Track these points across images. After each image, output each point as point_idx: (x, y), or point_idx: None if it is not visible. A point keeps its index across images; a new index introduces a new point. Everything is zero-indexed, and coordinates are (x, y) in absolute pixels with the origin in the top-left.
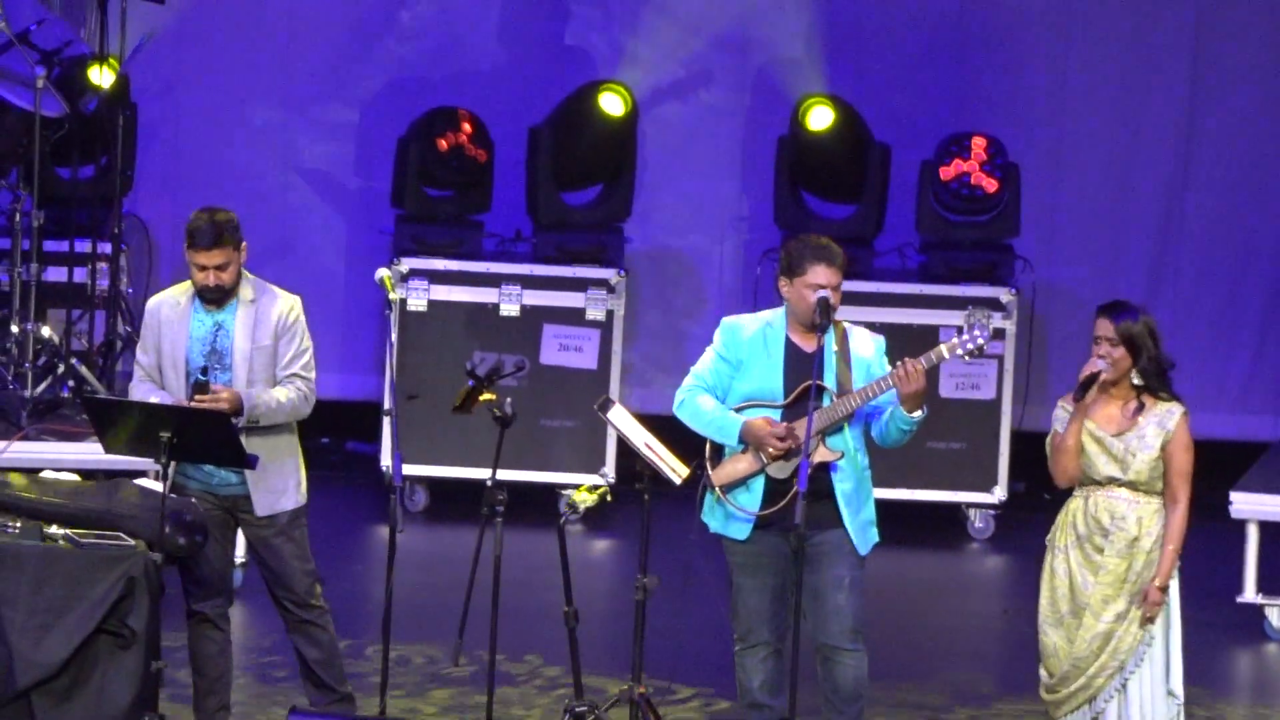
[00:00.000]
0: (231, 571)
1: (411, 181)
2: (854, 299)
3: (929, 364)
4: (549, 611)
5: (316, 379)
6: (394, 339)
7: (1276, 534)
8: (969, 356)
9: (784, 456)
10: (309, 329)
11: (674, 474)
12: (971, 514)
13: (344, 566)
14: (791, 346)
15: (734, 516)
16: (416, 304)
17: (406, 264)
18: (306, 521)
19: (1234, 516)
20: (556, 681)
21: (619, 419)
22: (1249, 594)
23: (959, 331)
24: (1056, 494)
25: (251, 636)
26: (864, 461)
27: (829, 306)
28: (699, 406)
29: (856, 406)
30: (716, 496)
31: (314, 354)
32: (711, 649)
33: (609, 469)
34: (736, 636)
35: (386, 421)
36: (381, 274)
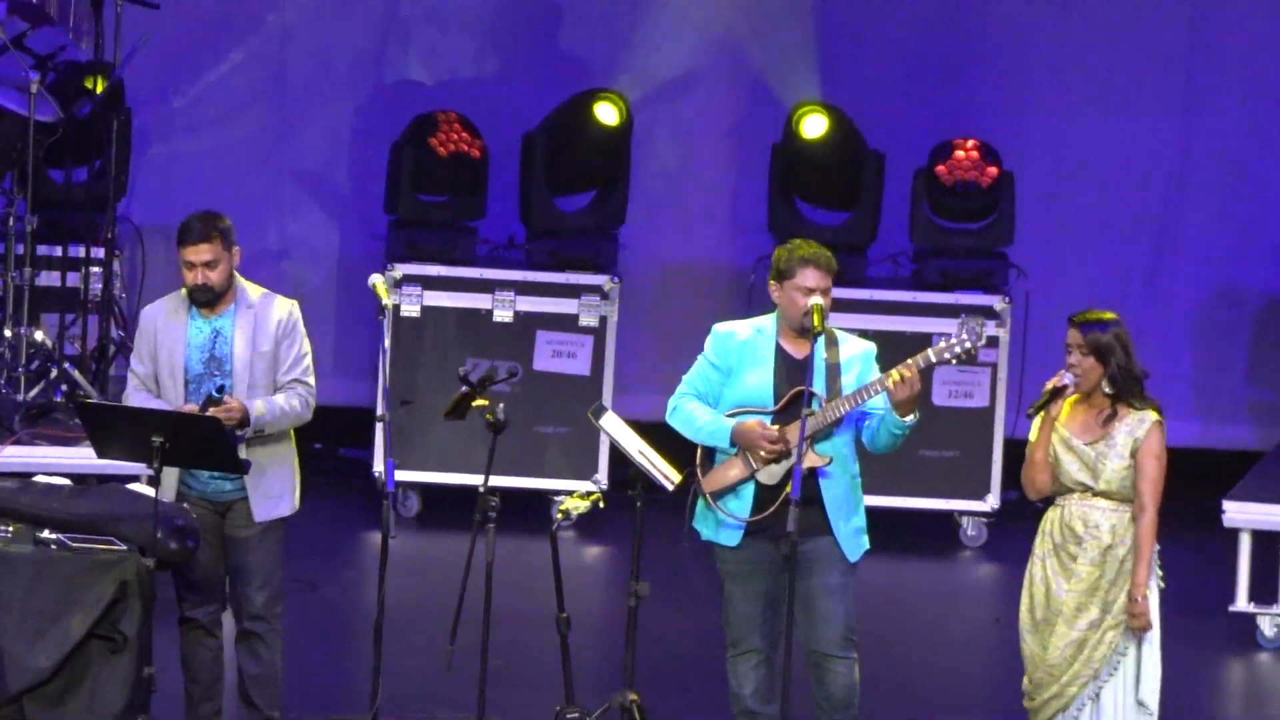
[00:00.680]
0: (224, 578)
1: (404, 187)
2: (847, 306)
3: (923, 366)
4: (541, 618)
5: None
6: (387, 345)
7: (1269, 543)
8: (956, 360)
9: (773, 462)
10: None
11: (666, 481)
12: (964, 522)
13: (336, 572)
14: (782, 352)
15: (724, 524)
16: (410, 310)
17: (400, 270)
18: (284, 532)
19: (1226, 526)
20: (549, 688)
21: (612, 426)
22: (1241, 603)
23: (948, 337)
24: (1049, 503)
25: None
26: (854, 468)
27: (819, 310)
28: (690, 413)
29: (846, 411)
30: (707, 503)
31: (313, 359)
32: (703, 656)
33: (601, 475)
34: (728, 644)
35: (379, 427)
36: (374, 280)
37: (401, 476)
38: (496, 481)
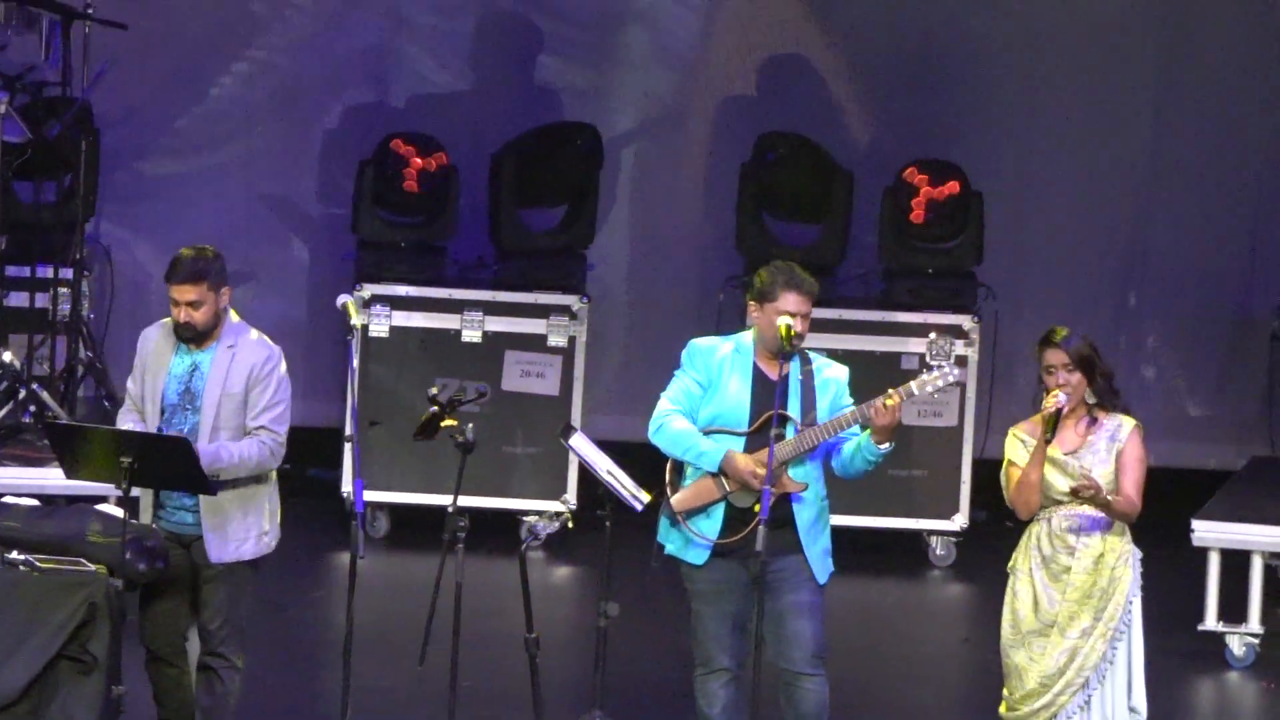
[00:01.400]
0: (186, 610)
1: (371, 207)
2: (817, 326)
3: (905, 397)
4: (510, 638)
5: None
6: (355, 365)
7: (1238, 562)
8: (937, 393)
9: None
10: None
11: (635, 501)
12: (933, 541)
13: (305, 593)
14: (758, 372)
15: (693, 542)
16: (378, 330)
17: (368, 290)
18: (250, 574)
19: (1196, 545)
20: (518, 708)
21: (581, 446)
22: (1210, 622)
23: (924, 366)
24: (1018, 522)
25: None
26: (823, 492)
27: (792, 333)
28: (677, 432)
29: (824, 438)
30: (674, 521)
31: (288, 409)
32: (672, 676)
33: (570, 496)
34: (697, 663)
35: (348, 447)
36: (343, 300)
37: (370, 497)
38: (465, 502)
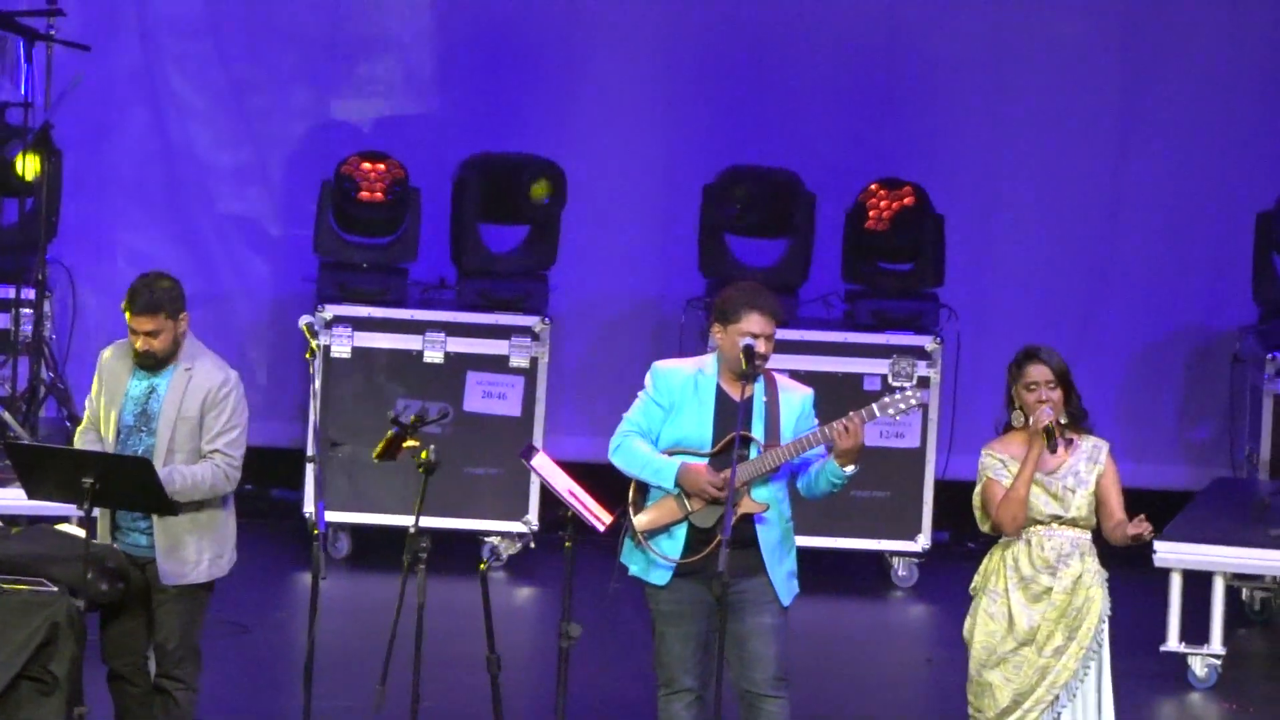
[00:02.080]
0: (144, 630)
1: (332, 228)
2: (779, 346)
3: (866, 419)
4: (472, 659)
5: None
6: (317, 386)
7: (1200, 583)
8: (899, 416)
9: (709, 504)
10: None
11: (597, 521)
12: (895, 562)
13: (267, 614)
14: (722, 394)
15: (655, 563)
16: (340, 350)
17: (330, 311)
18: (204, 598)
19: (1158, 565)
20: None
21: (542, 466)
22: (1172, 643)
23: (886, 387)
24: (980, 542)
25: None
26: (788, 513)
27: (754, 354)
28: (635, 450)
29: (787, 459)
30: (637, 542)
31: (244, 433)
32: (635, 696)
33: (532, 516)
34: (660, 684)
35: (310, 468)
36: (304, 321)
37: (332, 517)
38: (427, 522)
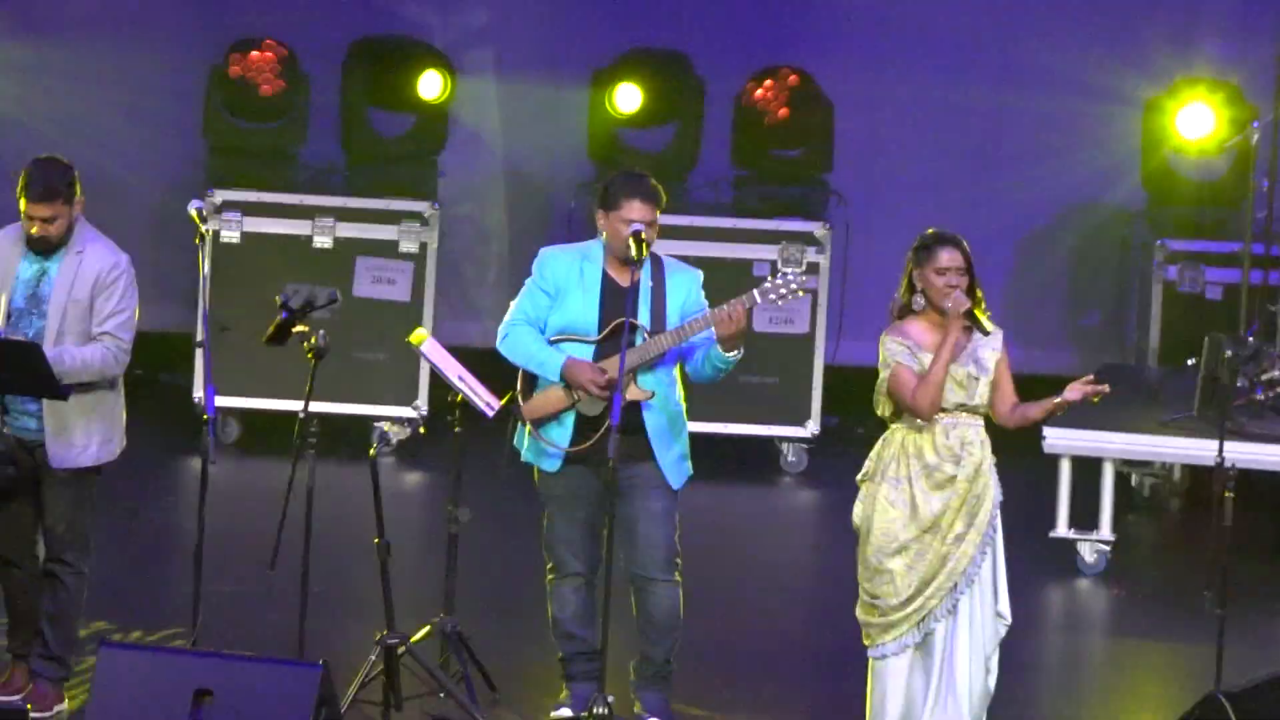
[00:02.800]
0: (31, 512)
1: (221, 113)
2: (668, 233)
3: (748, 306)
4: (361, 543)
5: (133, 338)
6: (206, 271)
7: (1088, 469)
8: (782, 302)
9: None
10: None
11: (487, 407)
12: (784, 448)
13: (156, 498)
14: (608, 280)
15: (545, 450)
16: (229, 236)
17: (220, 196)
18: (93, 482)
19: (1046, 452)
20: (369, 614)
21: (432, 352)
22: (1061, 529)
23: (773, 271)
24: (870, 428)
25: None
26: (676, 397)
27: (642, 241)
28: (521, 341)
29: (671, 345)
30: (527, 429)
31: (134, 317)
32: (524, 580)
33: (422, 401)
34: (548, 568)
35: (199, 353)
36: (192, 207)
37: (221, 402)
38: (317, 407)
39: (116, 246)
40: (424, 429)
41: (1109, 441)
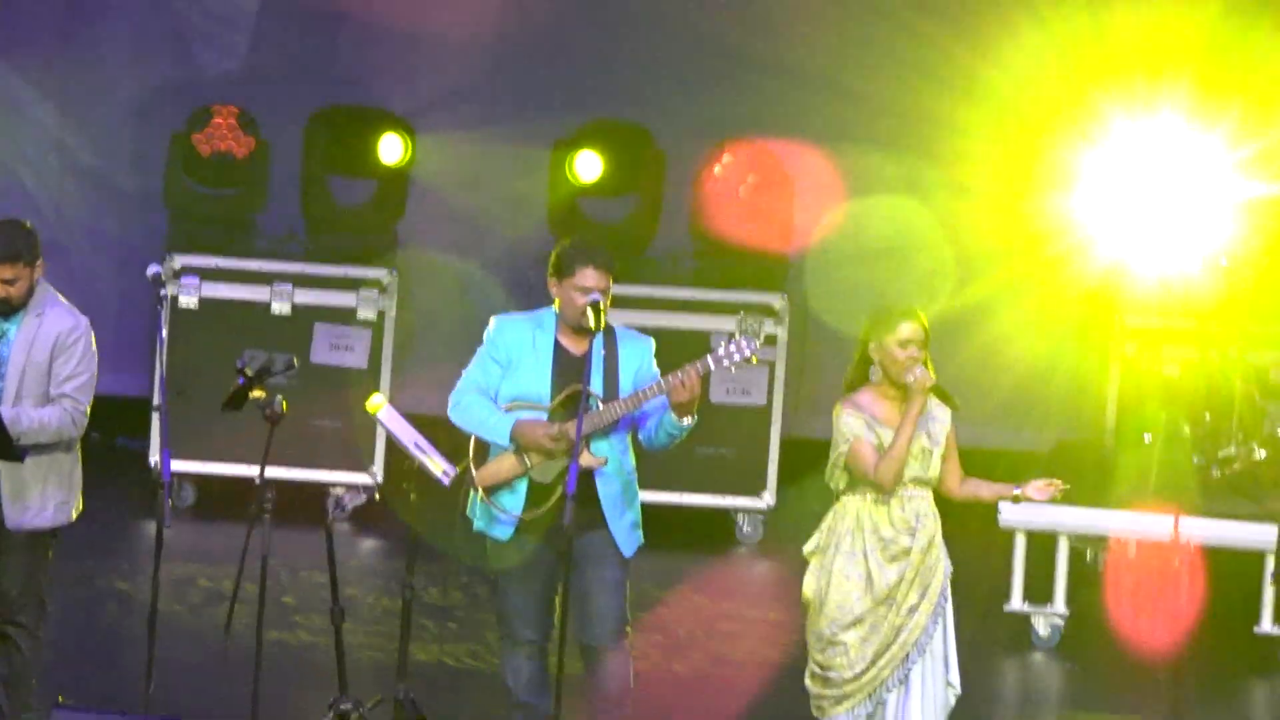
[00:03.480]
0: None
1: (181, 178)
2: (626, 303)
3: (701, 373)
4: (316, 610)
5: (91, 402)
6: (164, 335)
7: (1043, 544)
8: (735, 368)
9: (548, 458)
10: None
11: (444, 475)
12: (740, 519)
13: (110, 562)
14: (560, 349)
15: (497, 518)
16: (187, 301)
17: (178, 261)
18: (49, 543)
19: (1002, 526)
20: (323, 680)
21: (388, 419)
22: (1016, 603)
23: (728, 339)
24: (827, 501)
25: None
26: (629, 465)
27: (600, 311)
28: (471, 408)
29: (625, 412)
30: (480, 497)
31: (93, 380)
32: (478, 649)
33: (378, 468)
34: (501, 637)
35: (156, 417)
36: (151, 272)
37: (178, 467)
38: (272, 473)
39: (76, 310)
40: (379, 496)
41: (1063, 517)
